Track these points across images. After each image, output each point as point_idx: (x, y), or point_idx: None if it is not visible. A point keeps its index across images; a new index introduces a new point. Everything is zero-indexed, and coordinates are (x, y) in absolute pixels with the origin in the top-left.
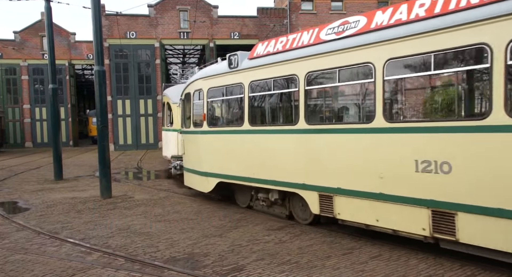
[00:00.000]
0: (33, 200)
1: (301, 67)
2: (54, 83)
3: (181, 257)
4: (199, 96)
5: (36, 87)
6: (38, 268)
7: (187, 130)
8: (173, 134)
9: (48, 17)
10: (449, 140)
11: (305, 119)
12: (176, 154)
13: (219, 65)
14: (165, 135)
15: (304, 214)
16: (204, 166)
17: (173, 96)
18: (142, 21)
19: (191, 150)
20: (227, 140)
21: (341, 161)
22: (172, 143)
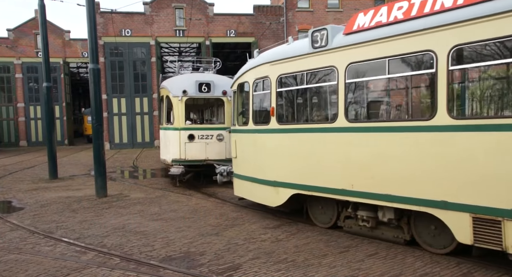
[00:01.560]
0: (27, 199)
1: (444, 39)
2: (49, 82)
3: (177, 256)
4: (262, 86)
5: (30, 86)
6: (32, 268)
7: (240, 128)
8: (174, 134)
9: (41, 15)
10: None
11: (449, 112)
12: (179, 157)
13: (293, 46)
14: (164, 135)
15: (438, 240)
16: (270, 173)
17: (175, 89)
18: (137, 18)
19: (248, 152)
20: (310, 140)
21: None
22: (173, 144)
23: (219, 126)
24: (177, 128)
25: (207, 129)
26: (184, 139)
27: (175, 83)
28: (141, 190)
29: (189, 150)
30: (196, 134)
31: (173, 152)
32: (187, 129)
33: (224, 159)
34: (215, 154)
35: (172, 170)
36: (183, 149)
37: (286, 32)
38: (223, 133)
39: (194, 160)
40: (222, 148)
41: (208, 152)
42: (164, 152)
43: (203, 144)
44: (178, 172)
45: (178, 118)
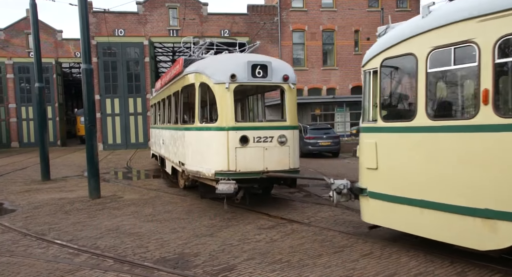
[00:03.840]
0: (19, 201)
1: None
2: (41, 82)
3: (171, 257)
4: (452, 57)
5: (22, 86)
6: (24, 270)
7: (389, 126)
8: (219, 136)
9: (33, 14)
10: None
11: None
12: (227, 169)
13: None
14: (196, 138)
15: None
16: (478, 197)
17: (218, 72)
18: (130, 18)
19: (414, 161)
20: None
21: None
22: (217, 150)
23: (281, 125)
24: (223, 128)
25: (266, 129)
26: (235, 143)
27: (217, 65)
28: (135, 191)
29: (242, 158)
30: (251, 135)
31: (217, 161)
32: (238, 129)
33: (288, 170)
34: (275, 162)
35: (220, 187)
36: (232, 157)
37: (280, 32)
38: (286, 134)
39: (248, 172)
40: (285, 154)
41: (267, 160)
42: (197, 160)
43: (260, 150)
44: (230, 189)
45: (226, 114)
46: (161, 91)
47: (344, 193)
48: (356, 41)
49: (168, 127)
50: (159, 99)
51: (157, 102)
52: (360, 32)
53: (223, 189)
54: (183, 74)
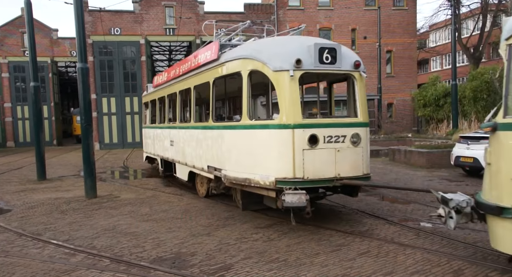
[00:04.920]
0: (14, 201)
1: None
2: (36, 81)
3: (168, 257)
4: None
5: (17, 85)
6: (20, 271)
7: None
8: (279, 136)
9: (28, 13)
10: None
11: None
12: (292, 176)
13: None
14: (244, 139)
15: None
16: None
17: (278, 57)
18: (126, 17)
19: None
20: None
21: None
22: (277, 154)
23: (355, 122)
24: (287, 126)
25: (338, 126)
26: (302, 144)
27: (277, 49)
28: (132, 190)
29: (310, 163)
30: (321, 135)
31: (279, 166)
32: (306, 127)
33: (362, 176)
34: (348, 167)
35: (289, 199)
36: (299, 161)
37: (277, 30)
38: (360, 132)
39: (318, 180)
40: (358, 157)
41: (339, 164)
42: (249, 165)
43: (331, 152)
44: (302, 202)
45: (290, 109)
46: (166, 86)
47: (466, 213)
48: (353, 39)
49: (185, 127)
50: (161, 96)
51: (159, 99)
52: (357, 31)
53: (292, 201)
54: (220, 61)
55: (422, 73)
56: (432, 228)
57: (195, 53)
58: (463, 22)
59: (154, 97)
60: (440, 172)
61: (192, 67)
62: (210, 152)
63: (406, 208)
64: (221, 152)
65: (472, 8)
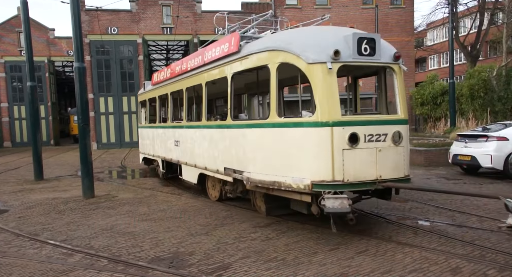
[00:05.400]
0: (12, 201)
1: None
2: (33, 81)
3: (166, 257)
4: None
5: (14, 85)
6: (17, 271)
7: None
8: (316, 135)
9: (24, 12)
10: None
11: None
12: (331, 179)
13: None
14: (273, 138)
15: None
16: None
17: (313, 48)
18: (123, 16)
19: None
20: None
21: None
22: (314, 154)
23: (396, 119)
24: (325, 124)
25: (379, 124)
26: (342, 143)
27: (311, 39)
28: (130, 190)
29: (351, 164)
30: (362, 133)
31: (315, 168)
32: (346, 125)
33: (403, 178)
34: (390, 168)
35: (330, 204)
36: (339, 162)
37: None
38: (402, 130)
39: (359, 183)
40: (400, 157)
41: (381, 165)
42: (268, 167)
43: (372, 152)
44: (345, 207)
45: (329, 105)
46: (169, 83)
47: None
48: None
49: (195, 126)
50: (163, 93)
51: (160, 97)
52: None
53: (334, 207)
54: (242, 54)
55: (420, 71)
56: (430, 226)
57: (207, 47)
58: (460, 21)
59: (153, 95)
60: (438, 170)
61: (205, 61)
62: (228, 152)
63: (404, 206)
64: (243, 152)
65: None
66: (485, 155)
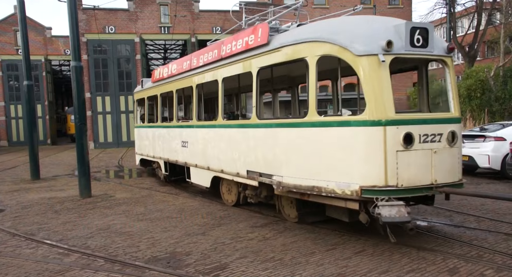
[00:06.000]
0: (8, 200)
1: None
2: (29, 80)
3: (162, 257)
4: None
5: (10, 84)
6: (12, 271)
7: None
8: (366, 135)
9: (21, 11)
10: None
11: None
12: (383, 183)
13: None
14: (313, 138)
15: None
16: None
17: (360, 39)
18: (121, 15)
19: None
20: None
21: None
22: (363, 156)
23: (450, 117)
24: (377, 122)
25: (434, 123)
26: (395, 144)
27: (360, 29)
28: (127, 189)
29: (405, 167)
30: (416, 133)
31: (366, 172)
32: (400, 123)
33: (458, 182)
34: (445, 171)
35: (387, 213)
36: (392, 166)
37: None
38: (457, 130)
39: (413, 188)
40: (454, 159)
41: (436, 168)
42: (305, 170)
43: (427, 153)
44: (404, 215)
45: (381, 101)
46: (175, 80)
47: None
48: None
49: (208, 125)
50: (166, 91)
51: (162, 95)
52: None
53: (391, 215)
54: (273, 47)
55: None
56: (427, 226)
57: (224, 41)
58: (458, 21)
59: (154, 93)
60: None
61: (222, 56)
62: (253, 154)
63: None
64: (272, 154)
65: (467, 6)
66: (483, 155)
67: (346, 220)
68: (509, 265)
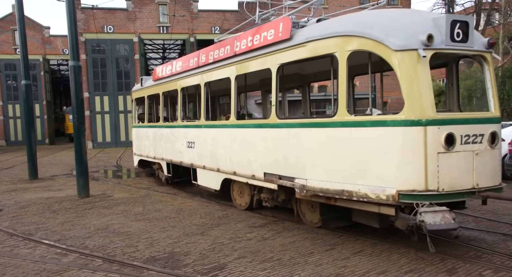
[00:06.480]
0: (5, 200)
1: None
2: (28, 79)
3: (161, 257)
4: None
5: (8, 84)
6: (10, 271)
7: None
8: (404, 136)
9: (19, 10)
10: None
11: None
12: (424, 188)
13: None
14: (344, 139)
15: None
16: None
17: (398, 32)
18: (119, 15)
19: None
20: None
21: None
22: (401, 158)
23: (491, 116)
24: (417, 122)
25: (476, 122)
26: (436, 145)
27: (396, 22)
28: (125, 189)
29: (446, 170)
30: (458, 133)
31: (403, 175)
32: (441, 123)
33: (498, 186)
34: (486, 174)
35: (430, 219)
36: (433, 169)
37: None
38: (497, 130)
39: (455, 193)
40: (495, 162)
41: (477, 171)
42: (334, 173)
43: (469, 155)
44: (450, 222)
45: (421, 99)
46: (179, 78)
47: None
48: None
49: (219, 125)
50: (170, 89)
51: (165, 93)
52: None
53: (436, 222)
54: (296, 42)
55: None
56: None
57: (237, 36)
58: None
59: (155, 91)
60: None
61: (236, 52)
62: (272, 155)
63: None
64: (295, 156)
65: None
66: None
67: (377, 226)
68: (508, 265)
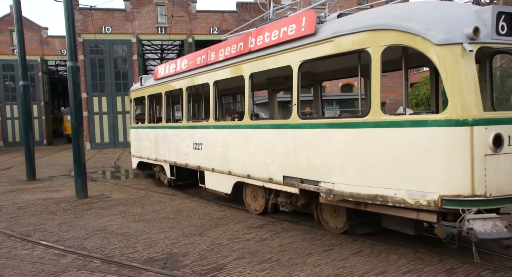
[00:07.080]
0: (3, 201)
1: None
2: (25, 80)
3: (159, 258)
4: None
5: (6, 84)
6: (8, 272)
7: None
8: (448, 137)
9: (17, 10)
10: None
11: None
12: (471, 193)
13: None
14: (378, 141)
15: None
16: None
17: (440, 25)
18: (118, 15)
19: None
20: None
21: None
22: (445, 161)
23: None
24: (462, 122)
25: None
26: (484, 147)
27: (436, 14)
28: (123, 190)
29: (493, 173)
30: (506, 134)
31: (446, 178)
32: (489, 123)
33: None
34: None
35: (480, 227)
36: (480, 172)
37: None
38: None
39: (504, 198)
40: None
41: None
42: (366, 177)
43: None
44: (503, 230)
45: (466, 97)
46: (184, 77)
47: None
48: None
49: (231, 126)
50: (173, 89)
51: (167, 93)
52: None
53: (487, 230)
54: (322, 37)
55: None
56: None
57: (252, 32)
58: None
59: (157, 91)
60: None
61: (251, 49)
62: (292, 158)
63: None
64: (320, 158)
65: None
66: None
67: (412, 233)
68: (506, 265)
